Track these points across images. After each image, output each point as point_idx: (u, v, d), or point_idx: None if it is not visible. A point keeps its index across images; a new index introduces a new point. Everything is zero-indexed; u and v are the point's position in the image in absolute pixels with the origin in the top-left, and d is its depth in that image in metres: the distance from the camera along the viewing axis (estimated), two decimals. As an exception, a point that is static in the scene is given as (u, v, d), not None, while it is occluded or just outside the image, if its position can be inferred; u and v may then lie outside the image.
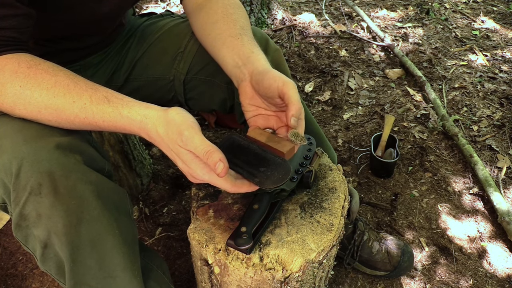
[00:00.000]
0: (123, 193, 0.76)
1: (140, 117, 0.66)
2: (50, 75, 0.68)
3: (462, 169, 1.63)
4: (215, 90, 1.02)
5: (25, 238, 0.69)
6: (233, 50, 0.82)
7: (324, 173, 0.88)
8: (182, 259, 1.32)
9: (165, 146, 0.66)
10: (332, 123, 1.90)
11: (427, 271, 1.29)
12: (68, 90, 0.67)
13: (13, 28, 0.69)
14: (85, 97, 0.67)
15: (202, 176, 0.64)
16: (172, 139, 0.64)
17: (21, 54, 0.69)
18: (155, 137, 0.66)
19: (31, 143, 0.66)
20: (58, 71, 0.69)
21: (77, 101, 0.67)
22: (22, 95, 0.67)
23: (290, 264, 0.70)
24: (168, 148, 0.66)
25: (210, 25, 0.89)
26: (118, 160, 1.36)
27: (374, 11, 2.81)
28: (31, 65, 0.68)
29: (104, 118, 0.67)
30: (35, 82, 0.66)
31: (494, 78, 2.11)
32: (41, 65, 0.68)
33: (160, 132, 0.65)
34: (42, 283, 1.25)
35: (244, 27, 0.87)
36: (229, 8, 0.90)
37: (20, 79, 0.66)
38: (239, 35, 0.84)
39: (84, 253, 0.67)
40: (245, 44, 0.82)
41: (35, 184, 0.64)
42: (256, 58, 0.79)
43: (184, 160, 0.64)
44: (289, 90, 0.71)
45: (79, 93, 0.67)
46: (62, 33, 0.93)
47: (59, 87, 0.67)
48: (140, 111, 0.67)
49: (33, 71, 0.67)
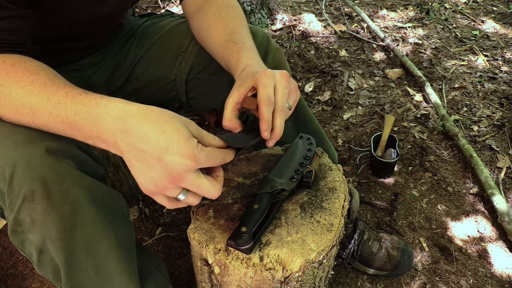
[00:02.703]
0: (118, 196, 0.76)
1: (121, 104, 0.59)
2: (30, 73, 0.64)
3: (462, 169, 1.63)
4: (216, 89, 1.02)
5: (21, 243, 0.69)
6: (222, 60, 0.86)
7: (324, 173, 0.88)
8: (182, 259, 1.31)
9: (153, 133, 0.57)
10: (332, 123, 1.90)
11: (427, 271, 1.29)
12: (44, 88, 0.63)
13: (7, 31, 0.68)
14: (60, 94, 0.62)
15: (192, 180, 0.59)
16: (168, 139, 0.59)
17: (11, 55, 0.67)
18: (138, 123, 0.57)
19: (23, 148, 0.64)
20: (39, 70, 0.65)
21: (52, 98, 0.62)
22: (2, 94, 0.64)
23: (290, 264, 0.70)
24: (157, 134, 0.57)
25: (204, 32, 0.92)
26: (118, 160, 1.35)
27: (374, 11, 2.81)
28: (15, 63, 0.65)
29: (77, 110, 0.60)
30: (13, 80, 0.64)
31: (494, 78, 2.11)
32: (25, 63, 0.66)
33: (155, 118, 0.58)
34: (42, 283, 1.25)
35: (233, 29, 0.87)
36: (221, 11, 0.90)
37: (1, 77, 0.64)
38: (227, 42, 0.85)
39: (79, 258, 0.67)
40: (231, 53, 0.83)
41: (28, 190, 0.63)
42: (235, 65, 0.80)
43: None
44: (258, 81, 0.71)
45: (55, 91, 0.62)
46: (61, 34, 0.93)
47: (35, 85, 0.63)
48: (121, 101, 0.60)
49: (15, 68, 0.65)
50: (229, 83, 0.99)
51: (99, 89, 1.08)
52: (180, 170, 0.57)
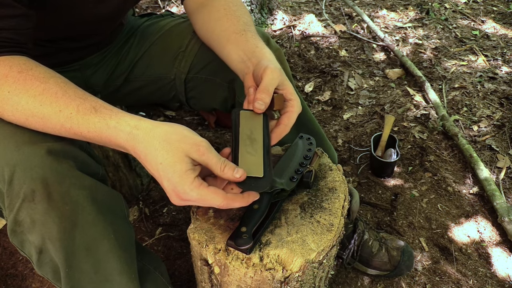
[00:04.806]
0: (118, 197, 0.76)
1: (129, 128, 0.63)
2: (39, 81, 0.65)
3: (462, 169, 1.63)
4: (216, 89, 1.02)
5: (21, 244, 0.69)
6: (238, 46, 0.82)
7: (324, 173, 0.88)
8: (182, 259, 1.31)
9: (154, 161, 0.61)
10: (332, 123, 1.90)
11: (427, 271, 1.29)
12: (56, 98, 0.64)
13: (11, 29, 0.67)
14: (72, 107, 0.64)
15: (192, 196, 0.61)
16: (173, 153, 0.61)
17: (16, 57, 0.67)
18: (143, 150, 0.62)
19: (24, 149, 0.65)
20: (48, 78, 0.66)
21: (64, 110, 0.64)
22: (10, 101, 0.64)
23: (290, 264, 0.70)
24: (157, 164, 0.61)
25: (213, 22, 0.89)
26: (118, 160, 1.35)
27: (374, 11, 2.81)
28: (22, 69, 0.65)
29: (89, 129, 0.64)
30: (23, 88, 0.64)
31: (494, 78, 2.11)
32: (32, 70, 0.66)
33: (156, 146, 0.61)
34: (42, 283, 1.25)
35: (247, 23, 0.87)
36: (231, 5, 0.90)
37: (9, 84, 0.64)
38: (243, 31, 0.84)
39: (79, 258, 0.67)
40: (249, 39, 0.82)
41: (28, 190, 0.63)
42: (260, 52, 0.79)
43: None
44: (266, 75, 0.71)
45: (67, 102, 0.64)
46: (62, 34, 0.93)
47: (46, 95, 0.64)
48: (130, 122, 0.63)
49: (23, 76, 0.65)
50: (229, 82, 0.99)
51: (99, 89, 1.08)
52: (178, 193, 0.61)
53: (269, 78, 0.71)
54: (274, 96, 0.73)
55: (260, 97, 0.71)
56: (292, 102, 0.75)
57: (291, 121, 0.75)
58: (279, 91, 0.74)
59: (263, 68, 0.72)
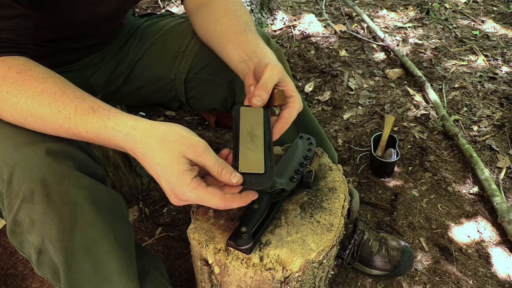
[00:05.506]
0: (118, 197, 0.76)
1: (127, 129, 0.63)
2: (38, 82, 0.65)
3: (462, 169, 1.63)
4: (216, 89, 1.02)
5: (20, 244, 0.69)
6: (239, 46, 0.82)
7: (324, 173, 0.88)
8: (182, 259, 1.31)
9: (152, 162, 0.61)
10: (332, 123, 1.90)
11: (427, 271, 1.29)
12: (54, 99, 0.64)
13: (10, 30, 0.67)
14: (70, 107, 0.64)
15: (190, 196, 0.61)
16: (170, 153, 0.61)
17: (15, 58, 0.67)
18: (141, 150, 0.62)
19: (22, 149, 0.65)
20: (47, 78, 0.66)
21: (62, 110, 0.64)
22: (9, 102, 0.64)
23: (290, 264, 0.70)
24: (154, 165, 0.62)
25: (213, 22, 0.89)
26: (118, 160, 1.35)
27: (374, 11, 2.81)
28: (21, 70, 0.65)
29: (88, 129, 0.64)
30: (21, 89, 0.64)
31: (494, 78, 2.11)
32: (31, 70, 0.66)
33: (154, 146, 0.61)
34: (42, 283, 1.25)
35: (247, 23, 0.87)
36: (231, 5, 0.90)
37: (8, 84, 0.64)
38: (243, 31, 0.84)
39: (78, 258, 0.67)
40: (250, 39, 0.82)
41: (27, 191, 0.63)
42: (262, 52, 0.79)
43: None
44: (267, 71, 0.71)
45: (65, 103, 0.64)
46: (62, 34, 0.93)
47: (45, 95, 0.64)
48: (128, 122, 0.63)
49: (21, 76, 0.65)
50: (229, 82, 0.99)
51: (98, 89, 1.08)
52: (176, 193, 0.61)
53: (269, 74, 0.71)
54: (275, 92, 0.73)
55: (258, 93, 0.71)
56: (293, 98, 0.74)
57: (292, 116, 0.74)
58: (280, 87, 0.74)
59: (264, 65, 0.72)
